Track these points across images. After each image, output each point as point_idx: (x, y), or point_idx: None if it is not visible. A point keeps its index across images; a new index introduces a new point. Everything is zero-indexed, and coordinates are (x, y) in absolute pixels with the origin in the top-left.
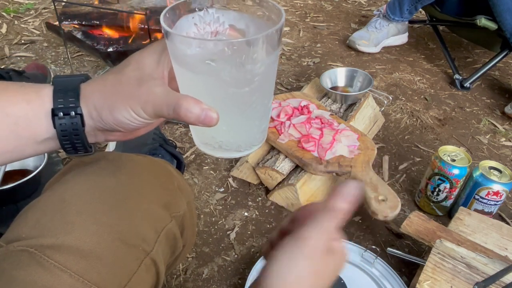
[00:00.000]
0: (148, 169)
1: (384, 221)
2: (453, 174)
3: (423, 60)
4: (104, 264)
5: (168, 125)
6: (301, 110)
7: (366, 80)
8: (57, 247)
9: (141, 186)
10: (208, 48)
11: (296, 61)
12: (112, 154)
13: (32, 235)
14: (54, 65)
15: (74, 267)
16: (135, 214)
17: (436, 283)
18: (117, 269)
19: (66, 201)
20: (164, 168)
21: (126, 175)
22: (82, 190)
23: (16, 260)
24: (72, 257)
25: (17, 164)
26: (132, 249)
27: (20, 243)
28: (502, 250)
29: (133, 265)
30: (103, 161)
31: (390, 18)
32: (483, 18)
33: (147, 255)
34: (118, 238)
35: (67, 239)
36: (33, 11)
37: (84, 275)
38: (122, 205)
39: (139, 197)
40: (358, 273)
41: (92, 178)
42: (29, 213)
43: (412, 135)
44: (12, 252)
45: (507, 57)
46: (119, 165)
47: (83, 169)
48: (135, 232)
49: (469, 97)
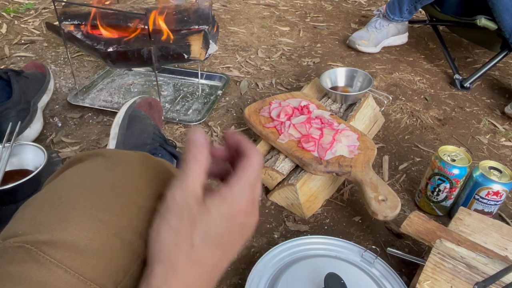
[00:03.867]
0: (145, 165)
1: (384, 221)
2: (453, 174)
3: (423, 60)
4: (100, 260)
5: (168, 125)
6: (301, 110)
7: (366, 80)
8: (53, 243)
9: (138, 182)
10: None
11: (296, 61)
12: (109, 151)
13: (28, 231)
14: (54, 65)
15: (69, 263)
16: (131, 210)
17: (436, 283)
18: (113, 266)
19: (62, 197)
20: (162, 166)
21: (123, 171)
22: (79, 186)
23: (12, 256)
24: (68, 253)
25: (17, 164)
26: (128, 245)
27: (17, 239)
28: (502, 250)
29: (128, 262)
30: (100, 157)
31: (390, 18)
32: (483, 18)
33: (142, 252)
34: (115, 234)
35: (63, 235)
36: (33, 11)
37: (80, 271)
38: (118, 201)
39: (136, 193)
40: (358, 273)
41: (88, 175)
42: (26, 209)
43: (412, 135)
44: (9, 248)
45: (507, 57)
46: (116, 161)
47: (80, 166)
48: (132, 228)
49: (469, 97)
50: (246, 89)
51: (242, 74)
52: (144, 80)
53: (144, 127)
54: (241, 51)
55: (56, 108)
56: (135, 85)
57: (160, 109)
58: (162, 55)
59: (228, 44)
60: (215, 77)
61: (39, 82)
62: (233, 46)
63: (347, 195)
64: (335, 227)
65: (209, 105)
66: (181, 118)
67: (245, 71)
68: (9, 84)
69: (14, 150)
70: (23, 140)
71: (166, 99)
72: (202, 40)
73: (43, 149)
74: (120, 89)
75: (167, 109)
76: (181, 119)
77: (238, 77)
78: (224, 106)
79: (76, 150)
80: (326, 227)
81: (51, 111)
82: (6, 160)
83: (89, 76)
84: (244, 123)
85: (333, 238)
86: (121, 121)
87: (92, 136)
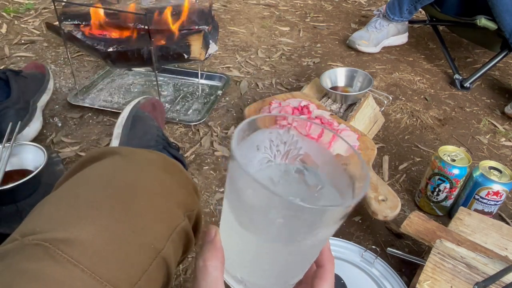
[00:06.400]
0: (163, 167)
1: (384, 221)
2: (453, 174)
3: (423, 60)
4: (116, 260)
5: (168, 125)
6: (301, 110)
7: (366, 80)
8: (71, 241)
9: (155, 183)
10: (267, 196)
11: (296, 61)
12: (126, 149)
13: (46, 229)
14: (54, 65)
15: (86, 262)
16: (148, 212)
17: (436, 283)
18: (128, 267)
19: (80, 195)
20: (179, 168)
21: (140, 172)
22: (96, 185)
23: (30, 253)
24: (84, 252)
25: (17, 164)
26: (143, 247)
27: (35, 237)
28: (502, 250)
29: (144, 263)
30: (118, 156)
31: (390, 18)
32: (483, 18)
33: (158, 254)
34: (130, 235)
35: (80, 234)
36: (33, 11)
37: (96, 270)
38: (135, 202)
39: (152, 195)
40: (358, 273)
41: (106, 174)
42: (44, 207)
43: (412, 135)
44: (27, 245)
45: (507, 57)
46: (134, 161)
47: (98, 164)
48: (147, 229)
49: (469, 97)
50: (246, 89)
51: (242, 74)
52: (144, 80)
53: (148, 128)
54: (241, 51)
55: (56, 108)
56: (135, 85)
57: (163, 111)
58: (162, 55)
59: (228, 44)
60: (215, 77)
61: (38, 82)
62: (233, 46)
63: None
64: None
65: (209, 105)
66: (181, 118)
67: (245, 71)
68: (8, 84)
69: (14, 150)
70: (22, 139)
71: (166, 99)
72: (202, 40)
73: (43, 149)
74: (120, 89)
75: (167, 109)
76: (181, 119)
77: (238, 77)
78: (224, 106)
79: (76, 150)
80: None
81: (51, 111)
82: (6, 160)
83: (89, 76)
84: None
85: (333, 238)
86: (125, 121)
87: (92, 136)
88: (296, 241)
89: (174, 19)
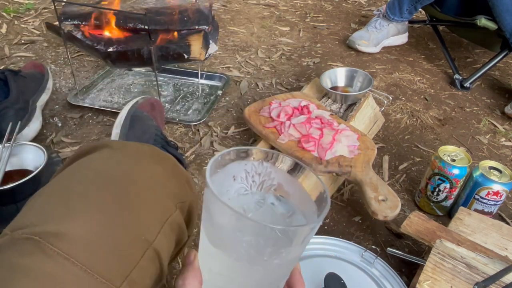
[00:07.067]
0: (154, 159)
1: (384, 221)
2: (453, 174)
3: (423, 60)
4: (107, 253)
5: (168, 125)
6: (301, 110)
7: (366, 80)
8: (61, 235)
9: (146, 175)
10: (240, 221)
11: (296, 61)
12: (117, 143)
13: (36, 223)
14: (54, 65)
15: (77, 255)
16: (138, 204)
17: (436, 283)
18: (120, 259)
19: (70, 189)
20: (171, 161)
21: (131, 164)
22: (87, 178)
23: (21, 248)
24: (75, 245)
25: (17, 164)
26: (134, 239)
27: (25, 230)
28: (502, 250)
29: (135, 255)
30: (108, 149)
31: (390, 18)
32: (483, 18)
33: (149, 246)
34: (121, 227)
35: (71, 227)
36: (33, 11)
37: (87, 263)
38: (126, 194)
39: (143, 186)
40: (358, 273)
41: (97, 167)
42: (35, 201)
43: (412, 135)
44: (17, 240)
45: (507, 57)
46: (124, 153)
47: (88, 158)
48: (138, 221)
49: (469, 97)
50: (246, 89)
51: (242, 74)
52: (144, 80)
53: (146, 128)
54: (241, 51)
55: (56, 108)
56: (135, 85)
57: (162, 110)
58: (162, 55)
59: (228, 44)
60: (215, 77)
61: (38, 81)
62: (233, 46)
63: (347, 195)
64: (335, 227)
65: (209, 105)
66: (181, 118)
67: (245, 71)
68: (7, 83)
69: (14, 150)
70: (21, 138)
71: (166, 99)
72: (202, 40)
73: (43, 149)
74: (120, 89)
75: (167, 109)
76: (181, 119)
77: (238, 77)
78: (224, 106)
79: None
80: (326, 227)
81: (51, 111)
82: (6, 160)
83: (89, 76)
84: (244, 123)
85: (333, 238)
86: (123, 121)
87: (92, 136)
88: (263, 260)
89: (174, 19)
